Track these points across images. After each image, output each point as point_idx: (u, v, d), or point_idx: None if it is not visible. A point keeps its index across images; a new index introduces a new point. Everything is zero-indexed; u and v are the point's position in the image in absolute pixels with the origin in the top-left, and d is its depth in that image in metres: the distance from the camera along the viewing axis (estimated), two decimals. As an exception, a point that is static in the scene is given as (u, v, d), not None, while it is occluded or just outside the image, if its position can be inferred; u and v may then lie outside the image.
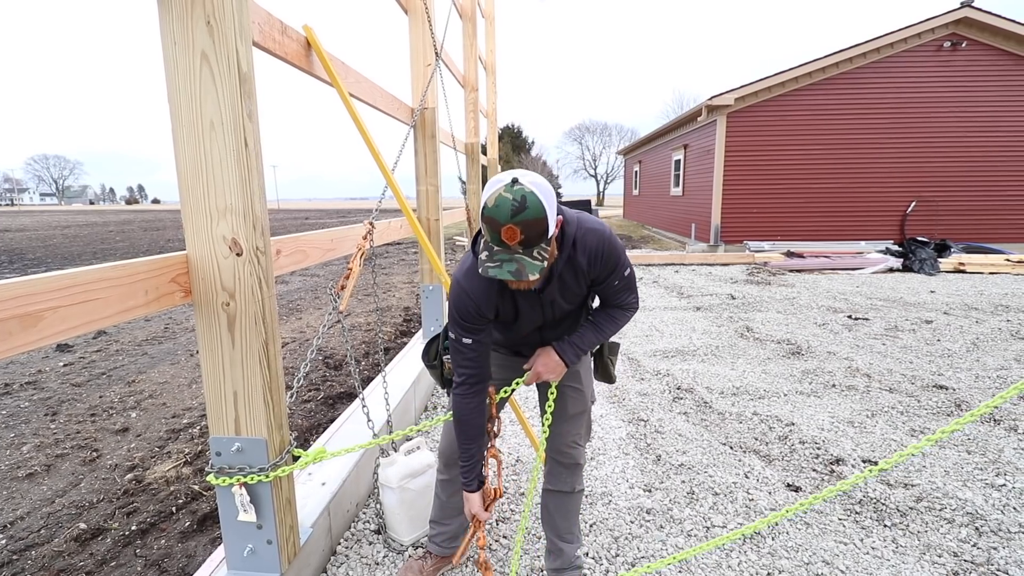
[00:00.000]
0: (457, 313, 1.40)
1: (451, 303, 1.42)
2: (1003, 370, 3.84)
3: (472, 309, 1.38)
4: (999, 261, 8.77)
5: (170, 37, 1.21)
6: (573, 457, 1.67)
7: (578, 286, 1.44)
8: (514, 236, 1.13)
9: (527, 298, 1.42)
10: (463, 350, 1.42)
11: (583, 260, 1.39)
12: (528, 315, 1.46)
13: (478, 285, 1.37)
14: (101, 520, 2.34)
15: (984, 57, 10.71)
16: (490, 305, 1.40)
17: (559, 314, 1.50)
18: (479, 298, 1.38)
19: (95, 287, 1.06)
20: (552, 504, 1.73)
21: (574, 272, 1.41)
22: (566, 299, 1.46)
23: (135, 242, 16.86)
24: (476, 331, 1.41)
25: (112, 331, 5.82)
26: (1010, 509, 2.16)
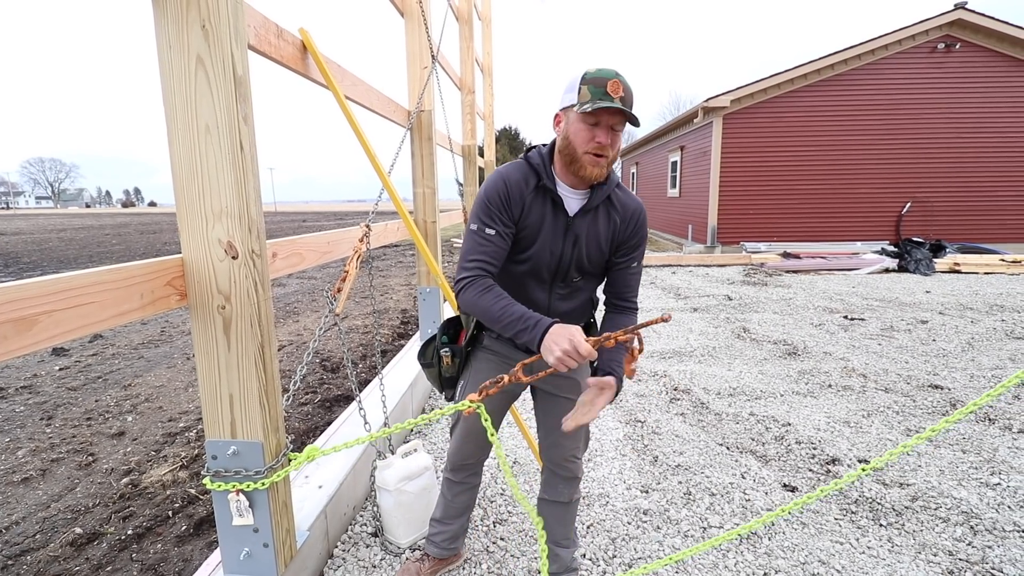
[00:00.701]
0: (486, 198, 1.36)
1: (482, 191, 1.38)
2: (998, 369, 3.86)
3: (503, 195, 1.35)
4: (994, 261, 8.82)
5: (165, 40, 1.22)
6: (571, 471, 1.65)
7: (604, 236, 1.43)
8: (618, 89, 1.24)
9: (554, 221, 1.39)
10: (482, 240, 1.35)
11: (620, 212, 1.44)
12: (550, 240, 1.39)
13: (518, 175, 1.38)
14: (97, 524, 2.33)
15: (978, 59, 10.78)
16: (521, 198, 1.36)
17: (575, 259, 1.43)
18: (514, 186, 1.36)
19: (90, 291, 1.06)
20: (548, 513, 1.71)
21: (608, 217, 1.43)
22: (591, 244, 1.43)
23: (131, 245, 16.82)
24: (501, 222, 1.36)
25: (108, 335, 5.80)
26: (1004, 508, 2.17)
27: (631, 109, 1.28)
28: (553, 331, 1.19)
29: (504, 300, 1.29)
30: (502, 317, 1.27)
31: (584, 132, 1.29)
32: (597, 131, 1.28)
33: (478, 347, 1.60)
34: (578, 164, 1.32)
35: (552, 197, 1.39)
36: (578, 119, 1.29)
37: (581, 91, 1.28)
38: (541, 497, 1.73)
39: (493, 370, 1.58)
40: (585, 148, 1.30)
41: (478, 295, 1.31)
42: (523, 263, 1.43)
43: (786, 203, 11.59)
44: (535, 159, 1.41)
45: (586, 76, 1.28)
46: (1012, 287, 7.17)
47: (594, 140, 1.28)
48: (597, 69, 1.28)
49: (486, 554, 1.95)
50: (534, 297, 1.48)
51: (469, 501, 1.79)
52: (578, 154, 1.31)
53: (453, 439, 1.70)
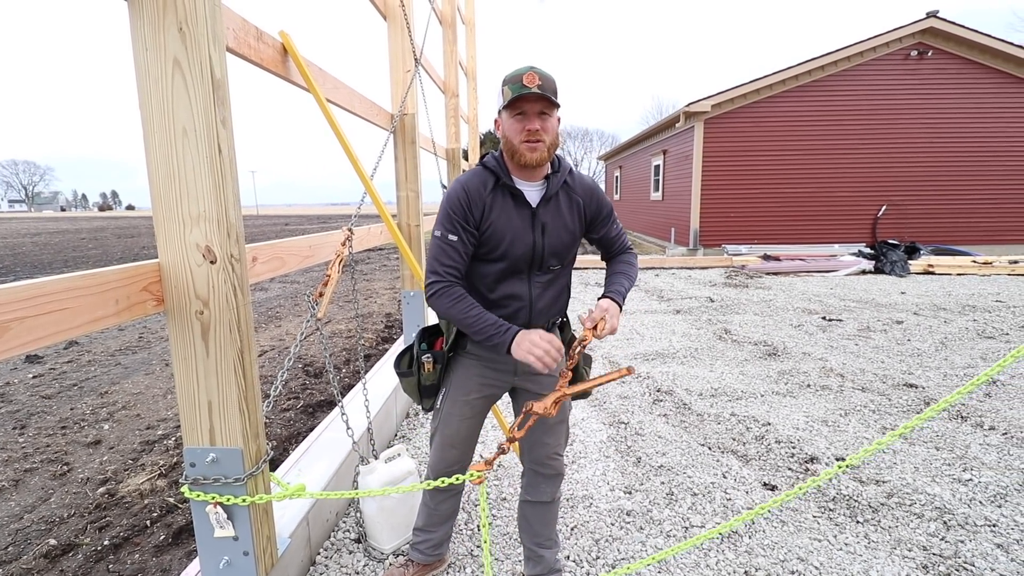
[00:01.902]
0: (448, 206, 1.43)
1: (444, 199, 1.46)
2: (970, 368, 3.96)
3: (463, 200, 1.42)
4: (966, 263, 9.07)
5: (141, 43, 1.20)
6: (555, 468, 1.67)
7: (571, 219, 1.53)
8: (534, 79, 1.35)
9: (519, 215, 1.47)
10: (446, 247, 1.43)
11: (580, 192, 1.55)
12: (519, 233, 1.46)
13: (476, 180, 1.46)
14: (72, 535, 2.28)
15: (949, 66, 11.09)
16: (481, 200, 1.43)
17: (548, 247, 1.50)
18: (473, 191, 1.43)
19: (63, 296, 1.04)
20: (531, 514, 1.72)
21: (569, 201, 1.54)
22: (560, 229, 1.51)
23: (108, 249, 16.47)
24: (463, 228, 1.43)
25: (84, 341, 5.67)
26: (976, 503, 2.23)
27: (552, 93, 1.38)
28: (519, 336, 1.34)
29: (475, 309, 1.40)
30: (474, 324, 1.39)
31: (515, 124, 1.40)
32: (526, 120, 1.39)
33: (460, 352, 1.60)
34: (518, 154, 1.42)
35: (511, 192, 1.46)
36: (507, 116, 1.42)
37: (504, 92, 1.41)
38: (524, 499, 1.73)
39: (475, 376, 1.58)
40: (519, 138, 1.40)
41: (451, 302, 1.42)
42: (499, 260, 1.48)
43: (766, 206, 11.78)
44: (490, 162, 1.49)
45: (505, 79, 1.41)
46: (983, 288, 7.38)
47: (524, 129, 1.39)
48: (514, 70, 1.41)
49: (470, 558, 1.95)
50: (516, 291, 1.51)
51: (453, 507, 1.78)
52: (515, 145, 1.41)
53: (435, 448, 1.67)
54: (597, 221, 1.61)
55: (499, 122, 1.47)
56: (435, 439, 1.66)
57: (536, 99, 1.37)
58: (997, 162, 11.32)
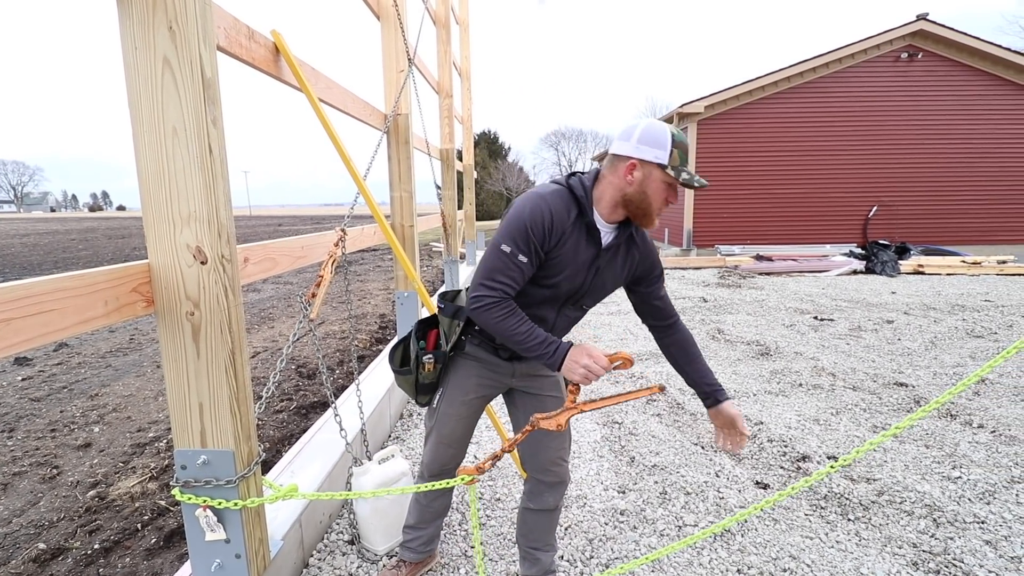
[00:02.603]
0: (529, 225, 1.31)
1: (525, 214, 1.33)
2: (959, 367, 4.00)
3: (547, 225, 1.33)
4: (955, 263, 9.16)
5: (130, 42, 1.19)
6: (559, 475, 1.64)
7: (622, 271, 1.50)
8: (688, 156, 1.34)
9: (585, 252, 1.40)
10: (512, 265, 1.33)
11: (640, 248, 1.50)
12: (575, 271, 1.41)
13: (562, 206, 1.36)
14: (62, 539, 2.26)
15: (939, 68, 11.20)
16: (561, 229, 1.35)
17: (591, 289, 1.48)
18: (558, 217, 1.34)
19: (51, 298, 1.03)
20: (532, 521, 1.70)
21: (627, 253, 1.49)
22: (608, 277, 1.48)
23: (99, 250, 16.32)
24: (535, 252, 1.34)
25: (74, 343, 5.62)
26: (965, 500, 2.25)
27: None
28: (571, 354, 1.30)
29: (526, 324, 1.34)
30: (523, 341, 1.33)
31: (665, 193, 1.34)
32: (673, 193, 1.36)
33: (459, 353, 1.59)
34: (648, 218, 1.38)
35: (589, 231, 1.40)
36: (662, 178, 1.32)
37: (673, 154, 1.31)
38: (526, 507, 1.70)
39: (473, 376, 1.58)
40: (660, 207, 1.36)
41: (502, 317, 1.33)
42: (547, 288, 1.44)
43: (759, 206, 11.85)
44: (578, 190, 1.39)
45: (676, 139, 1.32)
46: (972, 287, 7.45)
47: (669, 200, 1.36)
48: (677, 132, 1.34)
49: (464, 559, 1.94)
50: (544, 315, 1.49)
51: (445, 504, 1.78)
52: (652, 209, 1.36)
53: (429, 447, 1.66)
54: (646, 279, 1.54)
55: (636, 167, 1.33)
56: (430, 438, 1.65)
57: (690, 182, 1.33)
58: (986, 163, 11.44)
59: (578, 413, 1.32)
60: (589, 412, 3.26)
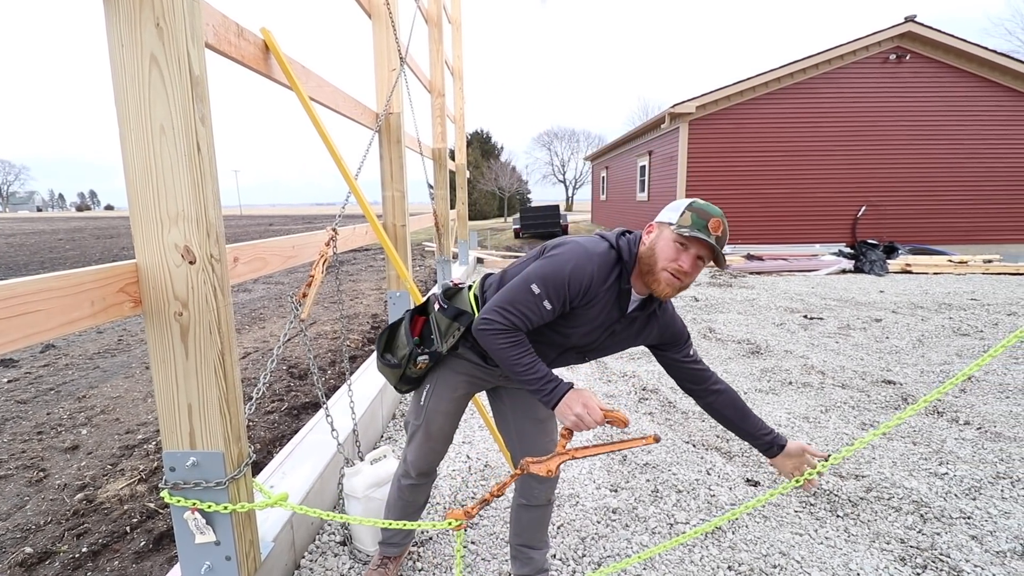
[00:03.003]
0: (568, 281, 1.32)
1: (566, 266, 1.34)
2: (946, 364, 4.05)
3: (584, 286, 1.33)
4: (942, 262, 9.27)
5: (117, 39, 1.18)
6: None
7: (637, 337, 1.50)
8: (718, 228, 1.29)
9: (609, 315, 1.42)
10: (536, 307, 1.33)
11: (660, 322, 1.50)
12: (591, 329, 1.43)
13: (605, 272, 1.36)
14: (49, 543, 2.23)
15: (927, 69, 11.33)
16: (595, 292, 1.36)
17: (600, 347, 1.50)
18: (596, 282, 1.35)
19: (36, 298, 1.02)
20: (525, 518, 1.71)
21: (647, 323, 1.49)
22: (620, 340, 1.50)
23: (86, 250, 16.13)
24: (563, 305, 1.35)
25: (61, 344, 5.55)
26: (952, 496, 2.28)
27: (722, 249, 1.32)
28: (567, 399, 1.29)
29: (530, 356, 1.33)
30: (522, 373, 1.32)
31: (671, 251, 1.32)
32: (684, 255, 1.31)
33: (451, 353, 1.57)
34: (653, 277, 1.34)
35: (620, 295, 1.40)
36: (671, 237, 1.32)
37: (684, 215, 1.31)
38: (518, 503, 1.71)
39: (463, 374, 1.57)
40: (664, 265, 1.32)
41: (507, 346, 1.33)
42: (558, 335, 1.45)
43: (749, 206, 11.93)
44: (626, 254, 1.39)
45: (694, 204, 1.32)
46: (959, 286, 7.55)
47: (677, 261, 1.31)
48: (706, 204, 1.33)
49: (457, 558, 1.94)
50: (544, 352, 1.49)
51: (427, 496, 1.78)
52: (656, 268, 1.33)
53: (415, 446, 1.64)
54: (673, 346, 1.53)
55: (654, 229, 1.37)
56: (416, 436, 1.63)
57: (706, 246, 1.30)
58: (973, 164, 11.59)
59: (569, 460, 1.31)
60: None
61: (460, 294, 1.58)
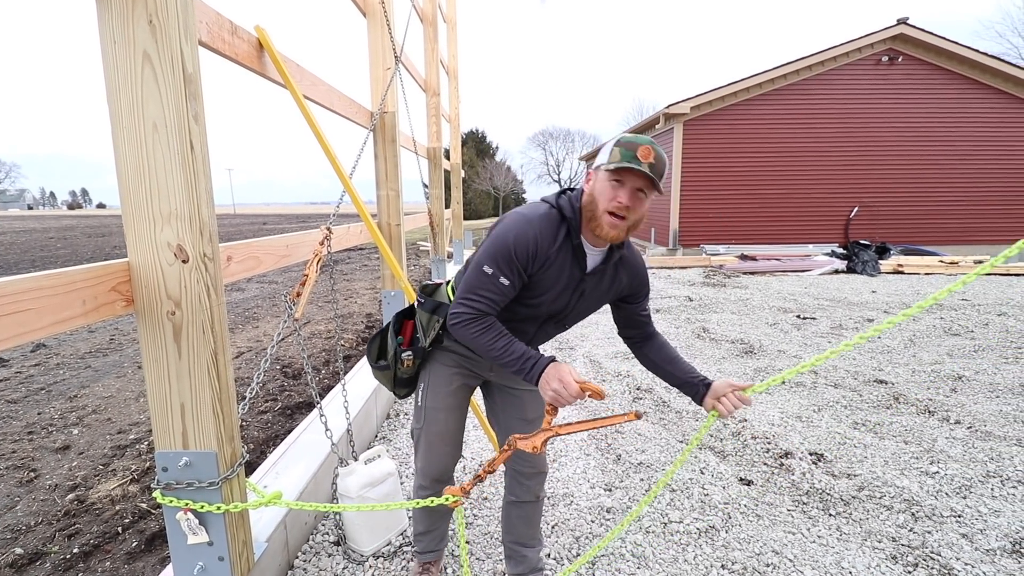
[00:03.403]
0: (513, 249, 1.31)
1: (510, 238, 1.32)
2: (937, 364, 4.09)
3: (531, 251, 1.32)
4: (933, 263, 9.35)
5: (109, 36, 1.17)
6: (536, 466, 1.65)
7: (608, 293, 1.50)
8: (648, 155, 1.26)
9: (570, 275, 1.40)
10: (493, 286, 1.32)
11: (628, 270, 1.49)
12: (559, 293, 1.42)
13: (547, 230, 1.35)
14: (39, 544, 2.21)
15: (919, 71, 11.42)
16: (547, 253, 1.34)
17: (575, 311, 1.49)
18: (543, 243, 1.33)
19: (26, 297, 1.01)
20: (516, 515, 1.71)
21: (615, 275, 1.48)
22: (592, 299, 1.49)
23: (78, 249, 15.99)
24: (518, 275, 1.33)
25: (52, 343, 5.50)
26: (943, 495, 2.30)
27: (660, 177, 1.28)
28: (546, 374, 1.27)
29: (504, 338, 1.32)
30: (500, 356, 1.31)
31: (608, 190, 1.30)
32: (620, 191, 1.29)
33: (437, 347, 1.59)
34: (596, 222, 1.33)
35: (576, 253, 1.39)
36: (605, 177, 1.31)
37: (613, 152, 1.29)
38: (508, 500, 1.72)
39: (453, 367, 1.58)
40: (606, 206, 1.30)
41: (478, 332, 1.33)
42: (528, 307, 1.44)
43: (743, 207, 11.98)
44: (567, 211, 1.38)
45: (621, 140, 1.31)
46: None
47: (616, 199, 1.29)
48: (633, 135, 1.31)
49: (451, 558, 1.94)
50: (523, 328, 1.49)
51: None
52: (598, 211, 1.32)
53: (422, 451, 1.63)
54: (633, 298, 1.55)
55: (591, 176, 1.37)
56: (422, 441, 1.63)
57: (640, 175, 1.27)
58: (964, 165, 11.69)
59: (554, 436, 1.32)
60: (576, 413, 3.26)
61: (439, 290, 1.60)
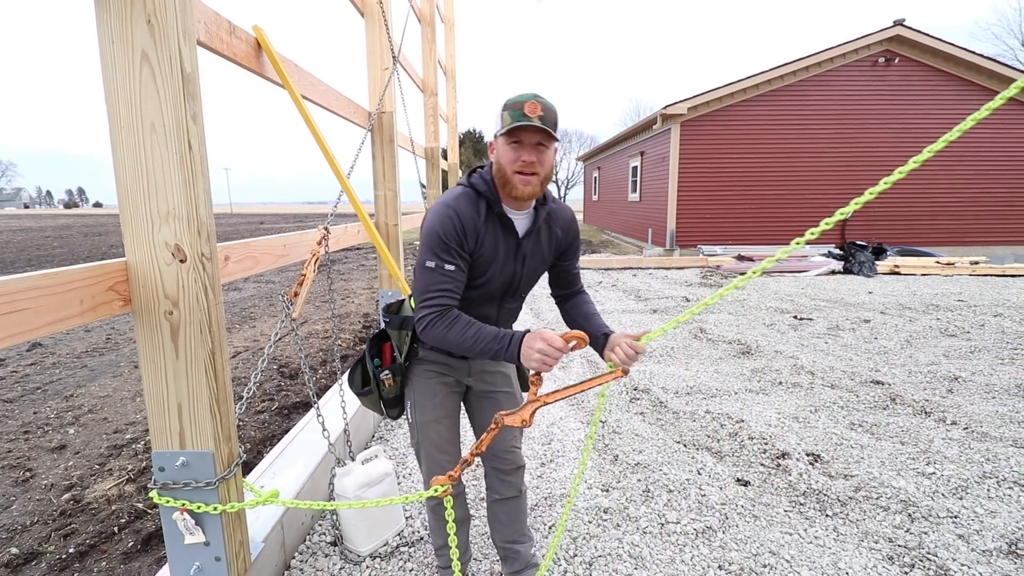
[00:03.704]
0: (441, 234, 1.33)
1: (435, 225, 1.34)
2: (933, 365, 4.10)
3: (458, 228, 1.34)
4: (930, 263, 9.38)
5: (107, 35, 1.17)
6: (514, 461, 1.68)
7: (548, 251, 1.54)
8: (536, 109, 1.30)
9: (505, 244, 1.44)
10: (443, 277, 1.33)
11: (560, 224, 1.55)
12: (503, 264, 1.45)
13: (466, 206, 1.38)
14: (35, 544, 2.20)
15: (915, 72, 11.47)
16: (475, 229, 1.37)
17: (524, 277, 1.51)
18: (467, 219, 1.36)
19: (23, 296, 1.01)
20: (501, 511, 1.72)
21: (549, 232, 1.53)
22: (537, 262, 1.52)
23: (74, 248, 15.92)
24: (459, 256, 1.35)
25: (48, 342, 5.48)
26: (939, 496, 2.31)
27: (552, 127, 1.32)
28: (526, 342, 1.26)
29: (473, 327, 1.32)
30: (475, 345, 1.30)
31: (510, 153, 1.34)
32: (522, 150, 1.33)
33: (415, 360, 1.60)
34: (510, 185, 1.36)
35: (501, 220, 1.42)
36: (504, 142, 1.35)
37: (503, 117, 1.34)
38: (492, 499, 1.74)
39: (434, 377, 1.59)
40: (512, 168, 1.35)
41: (446, 329, 1.32)
42: (477, 288, 1.46)
43: (740, 207, 12.02)
44: (480, 186, 1.41)
45: (506, 103, 1.35)
46: (946, 288, 7.64)
47: (519, 159, 1.33)
48: (516, 95, 1.34)
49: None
50: (485, 313, 1.52)
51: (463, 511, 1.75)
52: (508, 174, 1.36)
53: (423, 462, 1.64)
54: (567, 253, 1.60)
55: (493, 146, 1.41)
56: (421, 453, 1.65)
57: (535, 131, 1.31)
58: (959, 167, 11.75)
59: (542, 406, 1.30)
60: (574, 413, 3.26)
61: (404, 305, 1.62)
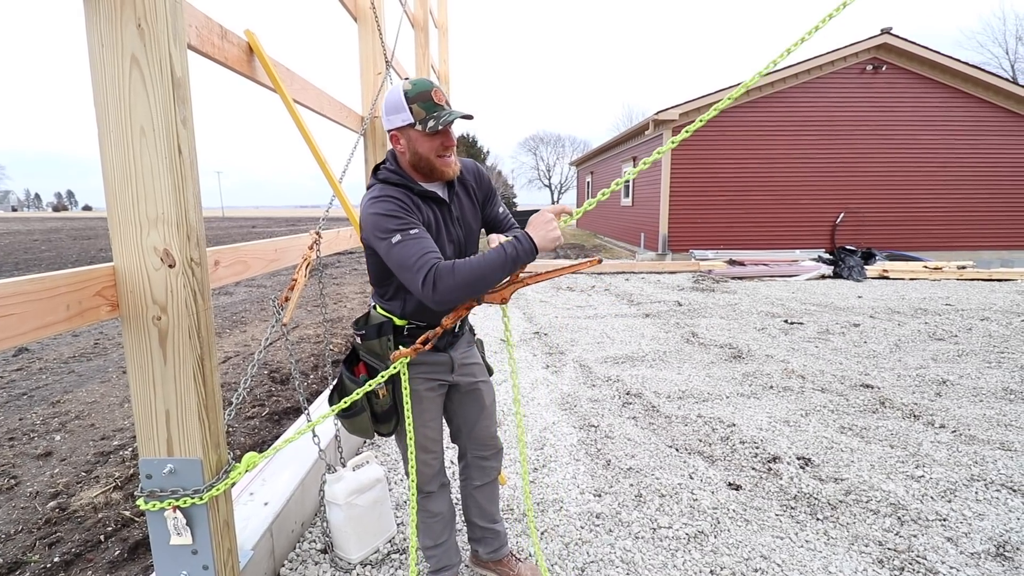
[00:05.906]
0: (387, 212, 1.38)
1: (377, 212, 1.38)
2: (922, 368, 4.14)
3: (399, 203, 1.40)
4: (918, 268, 9.49)
5: (97, 39, 1.16)
6: (496, 445, 1.78)
7: (473, 204, 1.61)
8: (442, 96, 1.39)
9: (439, 213, 1.51)
10: (414, 240, 1.35)
11: (469, 177, 1.61)
12: (446, 229, 1.51)
13: (396, 191, 1.43)
14: (19, 552, 2.16)
15: (902, 80, 11.63)
16: (408, 204, 1.42)
17: (467, 234, 1.59)
18: (401, 196, 1.42)
19: (8, 302, 0.99)
20: (481, 496, 1.79)
21: (464, 187, 1.60)
22: (470, 216, 1.59)
23: (63, 252, 15.74)
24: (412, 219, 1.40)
25: (35, 348, 5.40)
26: (928, 499, 2.33)
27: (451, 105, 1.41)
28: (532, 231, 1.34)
29: (474, 259, 1.35)
30: (490, 269, 1.32)
31: (430, 142, 1.41)
32: (443, 137, 1.42)
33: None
34: (437, 171, 1.45)
35: (424, 195, 1.48)
36: (422, 135, 1.40)
37: (414, 110, 1.37)
38: (472, 486, 1.79)
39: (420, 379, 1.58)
40: (436, 156, 1.43)
41: (452, 275, 1.31)
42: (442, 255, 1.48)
43: (732, 212, 12.10)
44: (393, 179, 1.46)
45: (409, 95, 1.37)
46: (934, 292, 7.73)
47: (443, 145, 1.42)
48: (414, 84, 1.38)
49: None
50: None
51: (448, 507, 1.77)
52: (434, 164, 1.44)
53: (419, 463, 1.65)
54: (489, 200, 1.66)
55: (399, 137, 1.44)
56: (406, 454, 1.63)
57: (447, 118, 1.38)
58: (946, 172, 11.91)
59: (521, 287, 1.43)
60: (566, 418, 3.26)
61: (370, 315, 1.62)
